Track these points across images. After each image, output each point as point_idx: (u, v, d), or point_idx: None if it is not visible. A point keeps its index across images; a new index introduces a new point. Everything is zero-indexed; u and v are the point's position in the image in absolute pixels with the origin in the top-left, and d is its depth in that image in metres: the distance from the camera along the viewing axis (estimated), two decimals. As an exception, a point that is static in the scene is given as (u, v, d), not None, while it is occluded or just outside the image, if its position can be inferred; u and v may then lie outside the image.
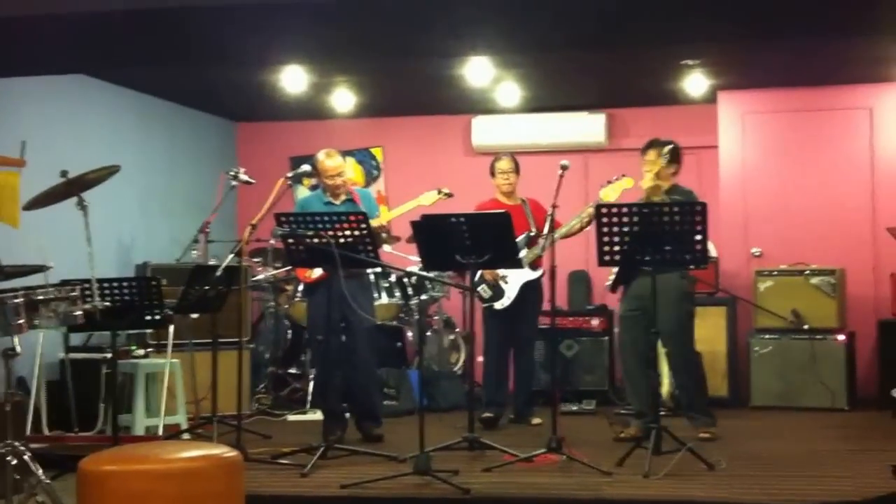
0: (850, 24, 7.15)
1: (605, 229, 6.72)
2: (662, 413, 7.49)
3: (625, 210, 6.70)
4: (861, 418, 9.03)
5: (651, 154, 7.86)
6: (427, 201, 7.85)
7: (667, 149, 7.82)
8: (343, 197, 8.02)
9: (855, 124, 10.32)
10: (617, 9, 6.59)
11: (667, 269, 7.19)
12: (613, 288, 7.90)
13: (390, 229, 8.31)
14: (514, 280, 8.55)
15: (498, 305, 8.56)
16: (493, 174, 8.78)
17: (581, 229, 8.21)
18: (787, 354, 9.65)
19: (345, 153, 8.37)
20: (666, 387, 8.78)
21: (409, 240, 7.59)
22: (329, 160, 7.95)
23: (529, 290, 8.62)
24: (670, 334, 7.79)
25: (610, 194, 7.81)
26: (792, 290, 9.77)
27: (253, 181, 8.30)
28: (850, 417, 9.12)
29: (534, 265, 8.53)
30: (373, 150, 11.83)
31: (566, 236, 8.14)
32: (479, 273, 8.23)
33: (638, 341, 7.58)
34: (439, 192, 7.89)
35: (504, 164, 8.75)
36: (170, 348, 8.54)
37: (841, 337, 9.61)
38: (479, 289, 8.46)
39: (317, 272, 7.78)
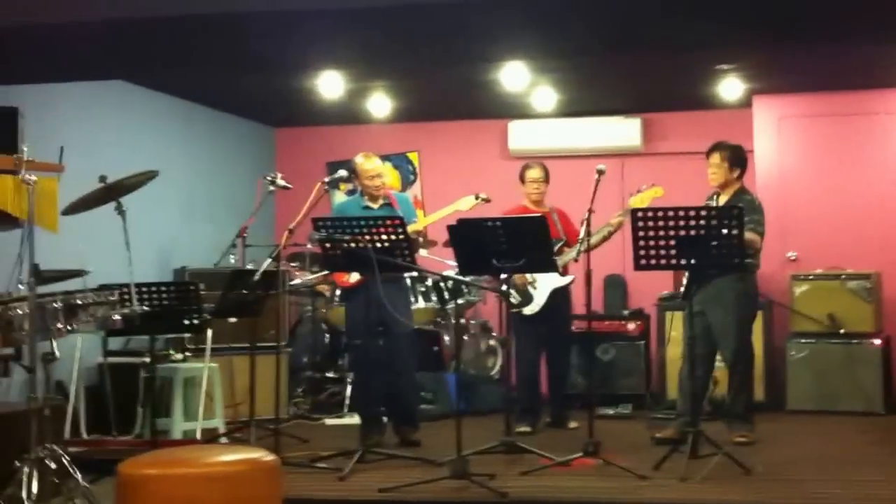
0: (884, 28, 7.10)
1: (641, 233, 6.71)
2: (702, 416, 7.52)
3: (660, 214, 6.69)
4: (898, 422, 8.97)
5: (715, 157, 7.92)
6: (464, 206, 7.83)
7: (726, 152, 7.90)
8: (381, 201, 8.04)
9: (891, 128, 10.28)
10: (652, 13, 6.57)
11: (712, 271, 7.31)
12: (686, 296, 7.79)
13: (427, 234, 8.31)
14: (543, 286, 8.53)
15: (527, 311, 8.53)
16: (522, 181, 8.74)
17: (605, 239, 8.17)
18: (824, 358, 9.61)
19: (381, 158, 8.37)
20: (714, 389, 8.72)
21: (445, 244, 7.61)
22: (368, 162, 7.99)
23: (559, 296, 8.60)
24: (725, 337, 7.79)
25: (639, 203, 7.75)
26: (828, 294, 9.74)
27: (290, 186, 8.32)
28: (886, 421, 9.08)
29: (563, 271, 8.51)
30: (409, 155, 11.86)
31: (593, 248, 8.03)
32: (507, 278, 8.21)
33: (694, 342, 7.49)
34: (477, 197, 7.87)
35: (535, 172, 8.69)
36: (208, 352, 8.59)
37: (877, 341, 9.56)
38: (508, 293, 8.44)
39: (354, 276, 7.79)
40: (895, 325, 9.96)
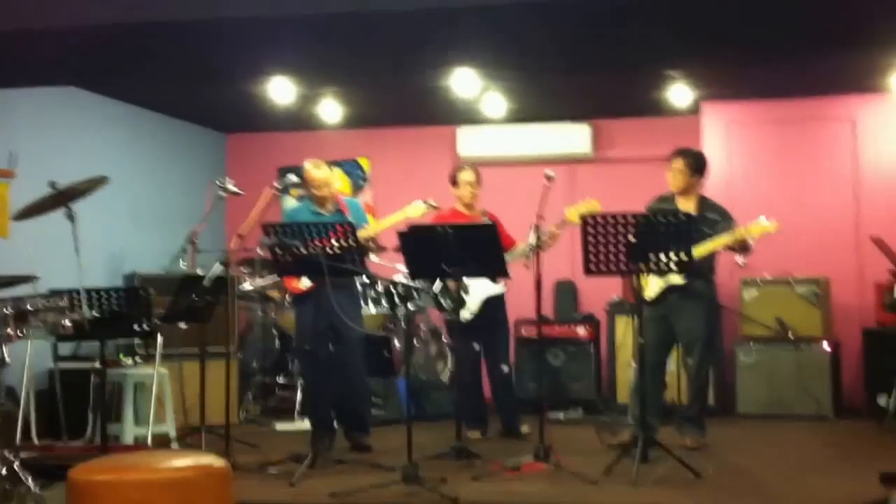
0: (833, 36, 7.19)
1: (591, 239, 6.76)
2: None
3: (610, 220, 6.74)
4: (847, 427, 9.06)
5: (678, 162, 7.94)
6: (415, 213, 7.76)
7: (689, 159, 7.96)
8: (331, 207, 8.02)
9: (839, 135, 10.38)
10: (604, 21, 6.62)
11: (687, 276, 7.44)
12: (653, 301, 7.79)
13: (378, 239, 8.29)
14: (475, 292, 8.49)
15: (462, 316, 8.41)
16: (454, 184, 8.66)
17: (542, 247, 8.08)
18: (773, 363, 9.67)
19: (332, 164, 8.34)
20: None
21: (395, 249, 7.61)
22: (316, 171, 7.95)
23: (494, 305, 8.57)
24: (695, 341, 7.83)
25: (573, 214, 7.66)
26: (777, 300, 9.82)
27: (241, 191, 8.29)
28: (836, 426, 9.16)
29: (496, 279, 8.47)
30: (360, 161, 11.84)
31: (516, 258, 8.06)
32: (439, 283, 8.20)
33: (653, 347, 7.57)
34: (426, 204, 7.87)
35: (468, 174, 8.63)
36: (158, 358, 8.52)
37: (826, 346, 9.63)
38: (440, 299, 8.42)
39: (305, 282, 7.77)
40: (844, 330, 10.05)
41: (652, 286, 7.77)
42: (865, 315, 10.02)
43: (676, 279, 7.63)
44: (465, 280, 8.28)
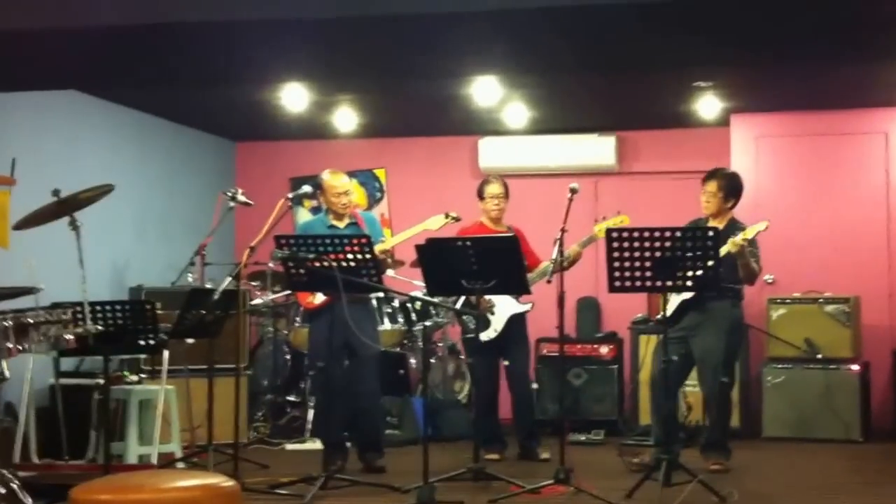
0: (864, 48, 7.07)
1: (616, 254, 6.58)
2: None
3: (636, 235, 6.57)
4: (876, 450, 8.94)
5: (711, 185, 7.81)
6: (434, 226, 7.66)
7: (723, 181, 7.83)
8: (347, 220, 7.91)
9: (870, 149, 10.23)
10: (628, 30, 6.47)
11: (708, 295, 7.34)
12: (670, 319, 7.59)
13: (394, 254, 8.14)
14: (501, 311, 8.32)
15: (483, 337, 8.24)
16: (481, 197, 8.51)
17: (565, 267, 7.78)
18: (801, 384, 9.51)
19: (347, 174, 8.21)
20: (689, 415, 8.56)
21: (413, 264, 7.44)
22: (335, 178, 7.86)
23: (516, 323, 8.39)
24: (712, 364, 7.69)
25: (604, 230, 7.51)
26: (805, 319, 9.65)
27: (251, 202, 8.20)
28: (864, 449, 9.02)
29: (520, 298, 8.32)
30: (376, 172, 11.69)
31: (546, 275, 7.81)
32: (464, 300, 8.08)
33: (672, 367, 7.38)
34: (446, 216, 7.70)
35: (495, 188, 8.46)
36: (164, 374, 8.36)
37: (855, 367, 9.46)
38: (464, 317, 8.27)
39: (319, 297, 7.65)
40: (873, 350, 9.88)
41: (672, 303, 7.56)
42: (896, 335, 9.87)
43: (688, 294, 7.46)
44: (491, 298, 8.13)
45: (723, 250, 7.15)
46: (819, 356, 9.49)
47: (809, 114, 10.28)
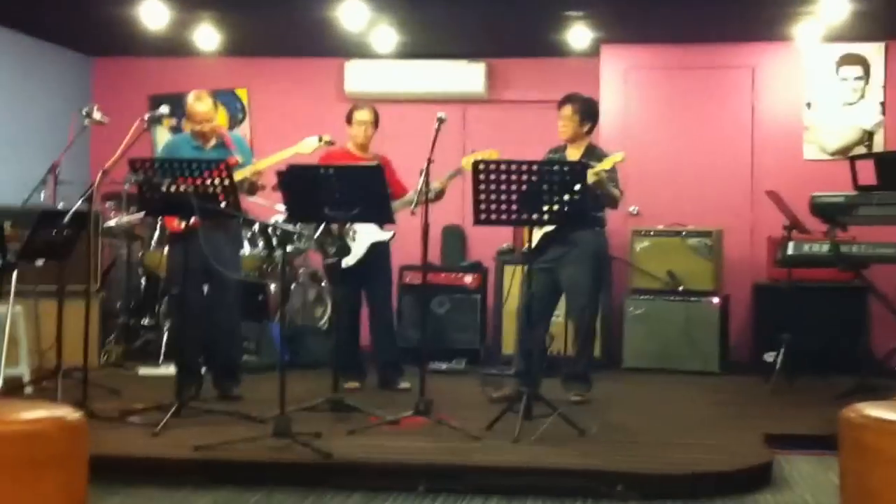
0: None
1: (483, 186, 6.50)
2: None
3: (502, 167, 6.47)
4: (733, 383, 9.01)
5: (567, 109, 7.75)
6: (306, 149, 7.40)
7: (578, 105, 7.74)
8: (214, 141, 7.70)
9: (737, 83, 10.31)
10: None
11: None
12: (535, 249, 7.52)
13: (261, 177, 7.92)
14: (361, 238, 8.18)
15: (344, 263, 8.07)
16: (349, 122, 8.34)
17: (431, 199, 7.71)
18: (662, 316, 9.62)
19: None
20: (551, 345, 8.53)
21: (274, 188, 7.25)
22: (198, 104, 7.60)
23: (378, 251, 8.26)
24: (579, 294, 7.69)
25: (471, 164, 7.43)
26: (668, 251, 9.74)
27: (106, 120, 7.92)
28: (722, 382, 9.12)
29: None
30: (238, 92, 11.47)
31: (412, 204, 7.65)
32: (323, 227, 7.92)
33: (538, 298, 7.35)
34: (320, 140, 7.46)
35: (363, 114, 8.28)
36: (12, 295, 8.08)
37: (716, 299, 9.58)
38: (323, 243, 8.13)
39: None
40: (734, 283, 10.02)
41: (535, 235, 7.49)
42: (757, 269, 10.00)
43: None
44: (353, 225, 7.99)
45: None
46: (681, 288, 9.59)
47: (678, 47, 10.30)
